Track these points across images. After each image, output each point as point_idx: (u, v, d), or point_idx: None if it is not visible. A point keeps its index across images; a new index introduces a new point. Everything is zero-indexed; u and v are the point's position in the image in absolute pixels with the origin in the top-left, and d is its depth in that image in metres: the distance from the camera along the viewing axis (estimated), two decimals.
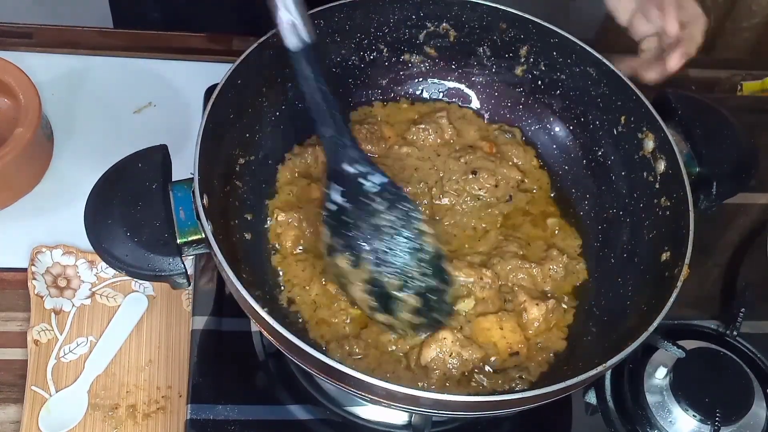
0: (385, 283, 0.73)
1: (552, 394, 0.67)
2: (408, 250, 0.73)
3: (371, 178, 0.74)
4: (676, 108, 0.85)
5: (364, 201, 0.73)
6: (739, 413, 0.81)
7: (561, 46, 0.88)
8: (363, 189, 0.73)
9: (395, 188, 0.75)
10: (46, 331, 0.87)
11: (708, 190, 0.81)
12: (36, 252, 0.91)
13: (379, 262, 0.72)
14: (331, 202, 0.74)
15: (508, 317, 0.78)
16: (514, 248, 0.83)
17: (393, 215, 0.73)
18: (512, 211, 0.88)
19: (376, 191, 0.74)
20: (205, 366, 0.83)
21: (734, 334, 0.89)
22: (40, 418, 0.82)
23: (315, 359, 0.64)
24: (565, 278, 0.83)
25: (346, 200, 0.73)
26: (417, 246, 0.74)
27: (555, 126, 0.93)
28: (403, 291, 0.73)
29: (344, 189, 0.73)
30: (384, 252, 0.73)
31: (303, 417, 0.82)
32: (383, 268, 0.72)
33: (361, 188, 0.73)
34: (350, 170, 0.74)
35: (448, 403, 0.66)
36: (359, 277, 0.73)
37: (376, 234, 0.73)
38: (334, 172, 0.74)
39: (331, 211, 0.74)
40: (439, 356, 0.75)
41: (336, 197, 0.73)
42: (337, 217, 0.73)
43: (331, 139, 0.74)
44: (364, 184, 0.73)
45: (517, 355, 0.78)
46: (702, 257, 0.78)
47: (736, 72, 1.23)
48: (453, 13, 0.90)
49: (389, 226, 0.73)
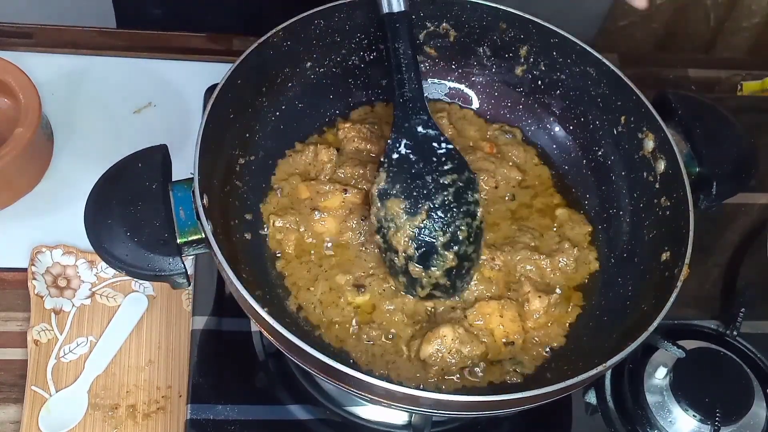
0: (436, 236, 0.76)
1: (552, 394, 0.67)
2: (462, 213, 0.77)
3: (441, 142, 0.78)
4: (676, 108, 0.85)
5: (432, 158, 0.78)
6: (739, 413, 0.81)
7: (561, 46, 0.88)
8: (432, 147, 0.78)
9: (460, 155, 0.79)
10: (46, 331, 0.87)
11: (708, 190, 0.81)
12: (36, 252, 0.91)
13: (434, 215, 0.76)
14: (395, 151, 0.78)
15: (509, 305, 0.79)
16: (526, 239, 0.84)
17: (456, 177, 0.77)
18: (518, 206, 0.88)
19: (443, 152, 0.78)
20: (205, 366, 0.83)
21: (734, 334, 0.89)
22: (40, 418, 0.82)
23: (315, 359, 0.64)
24: (577, 270, 0.83)
25: (411, 152, 0.77)
26: (471, 211, 0.77)
27: (555, 126, 0.93)
28: (449, 248, 0.76)
29: (411, 143, 0.78)
30: (441, 207, 0.76)
31: (303, 417, 0.82)
32: (437, 222, 0.76)
33: (431, 146, 0.78)
34: (421, 130, 0.78)
35: (448, 403, 0.66)
36: (412, 224, 0.76)
37: (439, 189, 0.76)
38: (403, 127, 0.78)
39: (393, 159, 0.78)
40: (438, 353, 0.75)
41: (401, 148, 0.78)
42: (400, 165, 0.77)
43: (408, 100, 0.79)
44: (433, 144, 0.78)
45: (512, 345, 0.78)
46: (702, 257, 0.78)
47: (736, 72, 1.23)
48: (453, 13, 0.90)
49: (450, 185, 0.77)
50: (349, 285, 0.79)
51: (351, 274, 0.80)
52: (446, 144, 0.78)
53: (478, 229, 0.78)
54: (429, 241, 0.76)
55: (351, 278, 0.80)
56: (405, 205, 0.76)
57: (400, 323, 0.78)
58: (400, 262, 0.77)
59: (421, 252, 0.76)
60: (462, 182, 0.77)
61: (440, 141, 0.78)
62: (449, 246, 0.76)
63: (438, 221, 0.76)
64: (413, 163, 0.77)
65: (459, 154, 0.79)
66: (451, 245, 0.76)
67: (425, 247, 0.76)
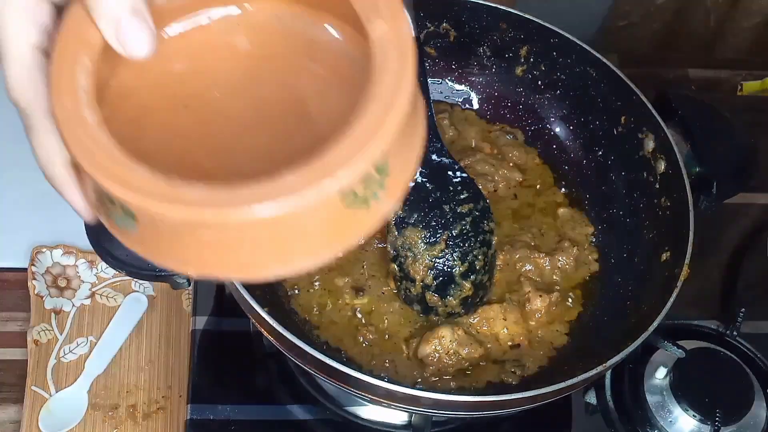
0: (454, 265, 0.76)
1: (552, 394, 0.67)
2: (479, 243, 0.77)
3: (456, 170, 0.78)
4: (676, 108, 0.85)
5: (449, 187, 0.77)
6: (739, 413, 0.81)
7: (561, 46, 0.88)
8: (447, 176, 0.78)
9: (474, 184, 0.79)
10: (46, 331, 0.87)
11: (708, 190, 0.81)
12: (36, 252, 0.91)
13: (453, 245, 0.76)
14: None
15: (512, 307, 0.79)
16: (527, 238, 0.84)
17: (472, 206, 0.77)
18: (520, 206, 0.88)
19: (458, 181, 0.78)
20: (205, 366, 0.83)
21: (734, 334, 0.89)
22: (40, 418, 0.82)
23: (315, 359, 0.64)
24: (576, 270, 0.83)
25: (427, 181, 0.77)
26: (487, 240, 0.77)
27: (555, 126, 0.93)
28: (467, 278, 0.76)
29: (426, 171, 0.77)
30: (459, 237, 0.76)
31: (303, 417, 0.82)
32: (456, 251, 0.76)
33: (446, 175, 0.78)
34: (436, 158, 0.78)
35: (448, 403, 0.66)
36: (430, 254, 0.76)
37: (457, 219, 0.76)
38: None
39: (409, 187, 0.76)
40: (435, 353, 0.75)
41: (417, 176, 0.77)
42: (417, 193, 0.77)
43: None
44: (448, 173, 0.78)
45: (519, 348, 0.78)
46: (702, 257, 0.78)
47: (736, 72, 1.23)
48: (453, 13, 0.90)
49: (467, 214, 0.77)
50: (348, 287, 0.79)
51: (350, 276, 0.80)
52: (461, 172, 0.78)
53: (492, 257, 0.78)
54: (447, 271, 0.76)
55: (350, 280, 0.79)
56: (424, 235, 0.76)
57: (399, 324, 0.78)
58: (416, 291, 0.76)
59: (438, 281, 0.76)
60: (478, 211, 0.77)
61: (455, 169, 0.78)
62: (467, 275, 0.76)
63: (457, 251, 0.76)
64: (430, 191, 0.77)
65: (473, 182, 0.78)
66: (469, 275, 0.76)
67: (443, 276, 0.76)
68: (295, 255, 0.43)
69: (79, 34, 0.45)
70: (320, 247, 0.44)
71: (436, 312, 0.77)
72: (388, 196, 0.45)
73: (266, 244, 0.42)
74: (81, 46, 0.45)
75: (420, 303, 0.77)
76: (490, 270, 0.79)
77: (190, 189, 0.40)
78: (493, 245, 0.78)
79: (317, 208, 0.41)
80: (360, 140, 0.41)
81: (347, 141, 0.41)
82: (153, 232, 0.43)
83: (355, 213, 0.43)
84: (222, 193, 0.40)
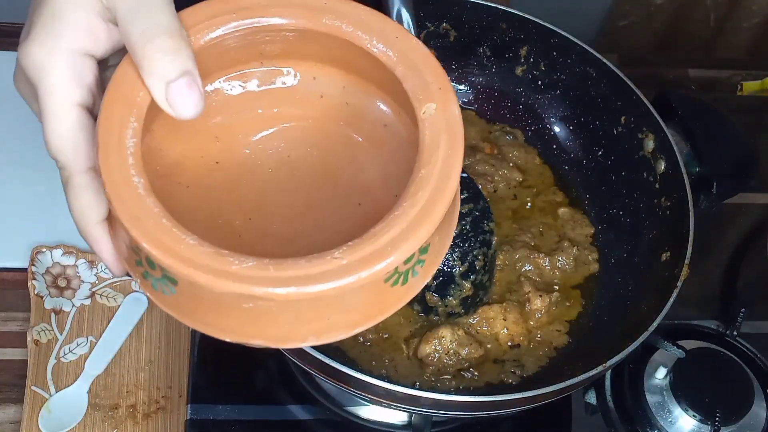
0: (454, 265, 0.75)
1: (552, 394, 0.67)
2: (479, 243, 0.76)
3: None
4: (676, 108, 0.85)
5: None
6: (739, 413, 0.81)
7: (561, 46, 0.88)
8: None
9: (474, 183, 0.78)
10: (46, 331, 0.87)
11: (708, 190, 0.81)
12: (36, 252, 0.91)
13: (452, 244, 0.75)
14: None
15: (512, 307, 0.79)
16: (526, 238, 0.84)
17: (472, 206, 0.77)
18: (519, 206, 0.88)
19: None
20: (205, 366, 0.83)
21: (734, 334, 0.89)
22: (40, 418, 0.82)
23: (315, 359, 0.64)
24: (576, 270, 0.83)
25: None
26: (487, 240, 0.77)
27: (555, 126, 0.93)
28: (467, 278, 0.75)
29: None
30: (459, 237, 0.75)
31: (303, 417, 0.82)
32: (456, 251, 0.75)
33: None
34: None
35: (448, 403, 0.66)
36: None
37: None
38: None
39: None
40: (435, 353, 0.75)
41: None
42: None
43: None
44: None
45: (518, 348, 0.78)
46: (702, 257, 0.78)
47: (736, 72, 1.23)
48: (453, 13, 0.90)
49: (467, 214, 0.76)
50: None
51: None
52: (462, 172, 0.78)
53: (492, 257, 0.78)
54: (447, 271, 0.75)
55: None
56: None
57: (399, 324, 0.78)
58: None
59: (438, 281, 0.76)
60: (478, 211, 0.77)
61: None
62: (467, 275, 0.76)
63: (457, 251, 0.75)
64: None
65: (473, 182, 0.78)
66: (469, 275, 0.76)
67: (443, 276, 0.75)
68: (332, 328, 0.44)
69: (128, 95, 0.45)
70: (357, 321, 0.45)
71: (436, 312, 0.77)
72: (425, 272, 0.46)
73: (307, 318, 0.43)
74: (129, 107, 0.44)
75: (420, 303, 0.77)
76: (490, 270, 0.78)
77: (240, 263, 0.40)
78: (493, 245, 0.78)
79: (363, 287, 0.42)
80: (412, 226, 0.42)
81: (399, 225, 0.42)
82: (193, 298, 0.43)
83: (395, 290, 0.44)
84: (273, 270, 0.40)
